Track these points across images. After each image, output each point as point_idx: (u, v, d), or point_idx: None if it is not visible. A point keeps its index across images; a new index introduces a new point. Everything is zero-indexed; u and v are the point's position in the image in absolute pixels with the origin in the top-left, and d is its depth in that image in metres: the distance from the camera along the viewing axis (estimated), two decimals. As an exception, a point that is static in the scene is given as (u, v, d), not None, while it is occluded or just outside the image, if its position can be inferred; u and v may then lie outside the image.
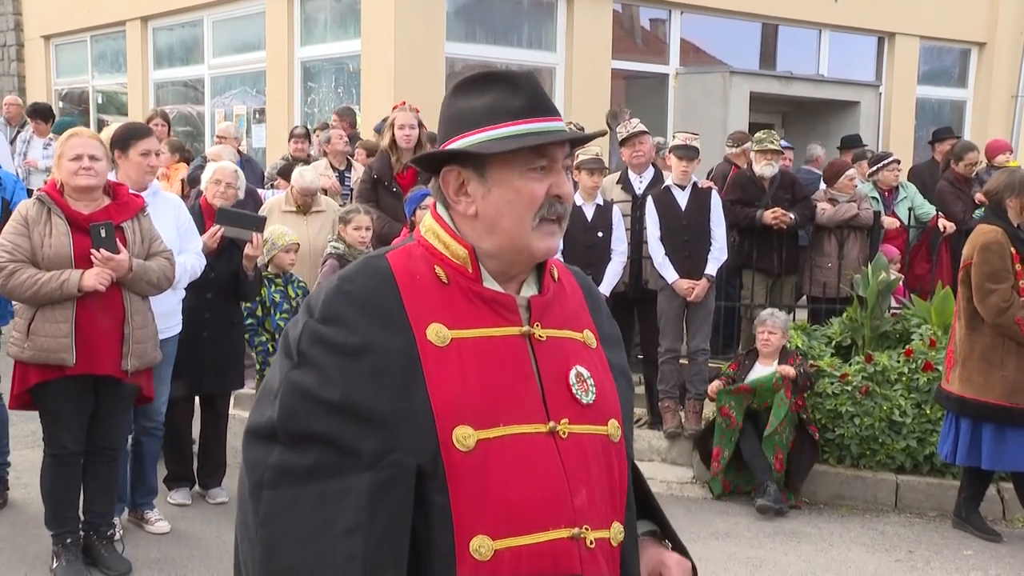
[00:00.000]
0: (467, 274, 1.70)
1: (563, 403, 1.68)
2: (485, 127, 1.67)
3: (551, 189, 1.69)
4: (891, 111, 13.11)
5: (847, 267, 7.56)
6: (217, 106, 13.08)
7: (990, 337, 5.40)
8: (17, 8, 16.52)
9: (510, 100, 1.68)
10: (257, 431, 1.67)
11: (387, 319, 1.63)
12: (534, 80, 1.74)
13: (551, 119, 1.69)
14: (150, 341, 4.59)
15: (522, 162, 1.67)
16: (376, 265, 1.70)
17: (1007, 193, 5.47)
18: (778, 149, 7.50)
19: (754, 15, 12.20)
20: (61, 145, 4.51)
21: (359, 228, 6.13)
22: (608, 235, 6.66)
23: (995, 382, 5.37)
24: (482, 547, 1.58)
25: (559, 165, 1.71)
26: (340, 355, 1.61)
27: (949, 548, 5.55)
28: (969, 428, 5.47)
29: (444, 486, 1.58)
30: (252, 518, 1.64)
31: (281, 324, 6.07)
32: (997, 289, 5.33)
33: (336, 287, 1.67)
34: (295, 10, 11.51)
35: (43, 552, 4.76)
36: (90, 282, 4.31)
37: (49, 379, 4.40)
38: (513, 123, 1.66)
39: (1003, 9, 13.74)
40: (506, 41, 11.04)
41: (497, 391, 1.63)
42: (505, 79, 1.72)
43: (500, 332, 1.68)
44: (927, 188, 8.87)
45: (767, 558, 5.33)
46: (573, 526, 1.64)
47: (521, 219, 1.68)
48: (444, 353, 1.63)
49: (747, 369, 6.34)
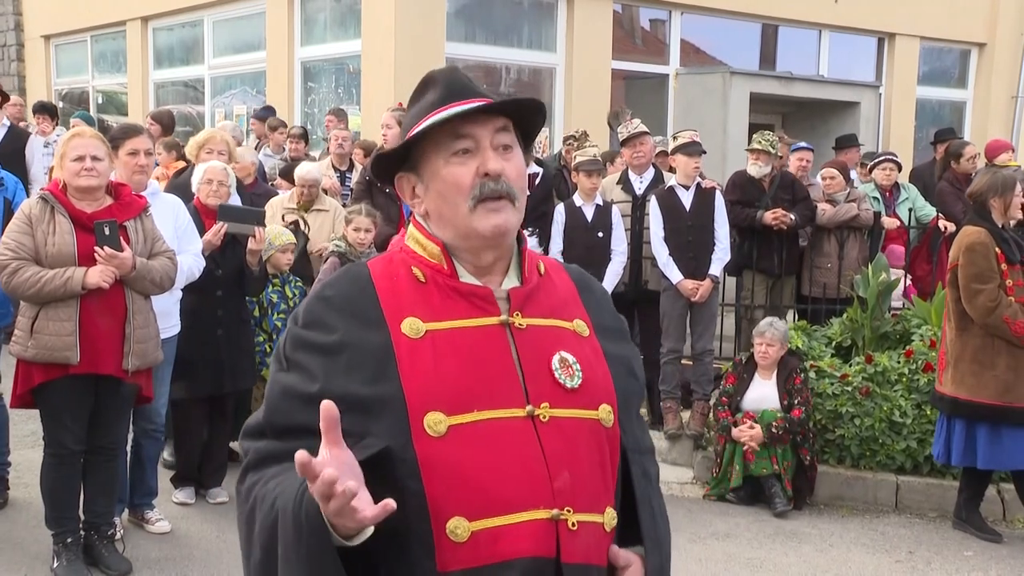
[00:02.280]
0: (443, 271, 1.74)
1: (545, 388, 1.70)
2: (411, 129, 1.75)
3: (479, 169, 1.71)
4: (891, 112, 13.11)
5: (847, 268, 7.57)
6: (217, 106, 13.08)
7: (980, 338, 5.43)
8: (17, 8, 16.53)
9: (429, 96, 1.75)
10: (249, 429, 1.78)
11: (363, 318, 1.70)
12: (453, 72, 1.79)
13: (465, 101, 1.72)
14: (151, 341, 4.59)
15: (444, 150, 1.72)
16: (355, 272, 1.79)
17: (991, 194, 5.51)
18: (768, 150, 7.51)
19: (754, 15, 12.20)
20: (64, 145, 4.52)
21: (359, 229, 6.14)
22: (608, 235, 6.67)
23: (987, 382, 5.39)
24: (458, 528, 1.60)
25: (485, 143, 1.72)
26: (319, 354, 1.69)
27: (949, 549, 5.55)
28: (964, 429, 5.49)
29: (417, 471, 1.61)
30: (238, 504, 1.73)
31: (278, 324, 6.07)
32: (984, 289, 5.36)
33: (316, 294, 1.77)
34: (295, 10, 11.51)
35: (44, 552, 4.76)
36: (94, 279, 4.32)
37: (53, 378, 4.40)
38: (429, 116, 1.72)
39: (1003, 10, 13.75)
40: (506, 41, 11.04)
41: (472, 379, 1.66)
42: (428, 81, 1.78)
43: (477, 323, 1.71)
44: (928, 189, 8.87)
45: (767, 559, 5.33)
46: (552, 507, 1.65)
47: (455, 205, 1.71)
48: (418, 344, 1.67)
49: (746, 383, 6.29)
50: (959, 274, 5.46)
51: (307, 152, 9.51)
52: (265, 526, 1.63)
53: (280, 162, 9.40)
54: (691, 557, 5.26)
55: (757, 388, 6.24)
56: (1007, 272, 5.41)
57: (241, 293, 5.72)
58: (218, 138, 6.19)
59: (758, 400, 6.18)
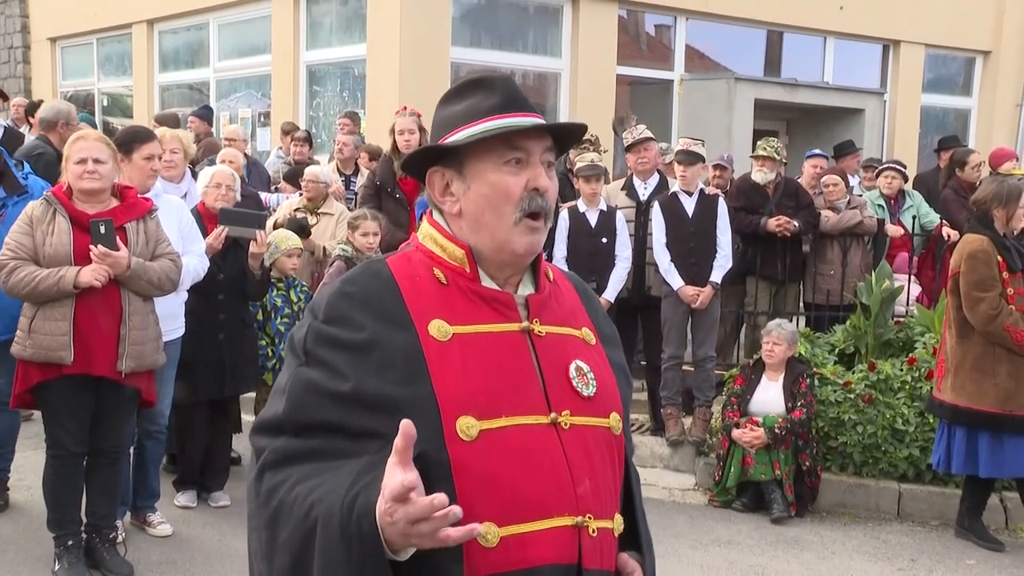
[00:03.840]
0: (465, 274, 1.74)
1: (564, 396, 1.72)
2: (461, 127, 1.73)
3: (528, 183, 1.72)
4: (895, 119, 13.11)
5: (850, 275, 7.57)
6: (222, 109, 13.10)
7: (981, 345, 5.43)
8: (24, 10, 16.58)
9: (484, 100, 1.74)
10: (263, 424, 1.72)
11: (389, 317, 1.68)
12: (509, 81, 1.78)
13: (525, 114, 1.73)
14: (149, 343, 4.56)
15: (496, 156, 1.71)
16: (376, 268, 1.76)
17: (994, 203, 5.51)
18: (771, 156, 7.51)
19: (759, 22, 12.21)
20: (68, 147, 4.54)
21: (366, 234, 6.14)
22: (612, 241, 6.66)
23: (988, 390, 5.39)
24: (488, 533, 1.60)
25: (536, 159, 1.73)
26: (346, 351, 1.66)
27: (951, 557, 5.54)
28: (964, 436, 5.49)
29: (449, 475, 1.60)
30: (255, 504, 1.67)
31: (281, 328, 6.08)
32: (985, 297, 5.36)
33: (338, 290, 1.72)
34: (301, 14, 11.53)
35: (45, 554, 4.76)
36: (86, 278, 4.31)
37: (49, 378, 4.41)
38: (485, 120, 1.71)
39: (1008, 18, 13.75)
40: (511, 46, 11.06)
41: (499, 384, 1.67)
42: (482, 83, 1.77)
43: (500, 328, 1.72)
44: (932, 196, 8.86)
45: (769, 566, 5.32)
46: (576, 515, 1.67)
47: (500, 214, 1.71)
48: (446, 347, 1.67)
49: (753, 384, 6.30)
50: (961, 282, 5.46)
51: (311, 156, 9.52)
52: (298, 534, 1.58)
53: (284, 166, 9.42)
54: (693, 564, 5.26)
55: (764, 390, 6.25)
56: (1008, 280, 5.41)
57: (243, 297, 5.72)
58: (167, 137, 5.92)
59: (764, 403, 6.19)
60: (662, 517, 5.91)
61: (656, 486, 6.44)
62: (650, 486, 6.33)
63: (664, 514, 5.99)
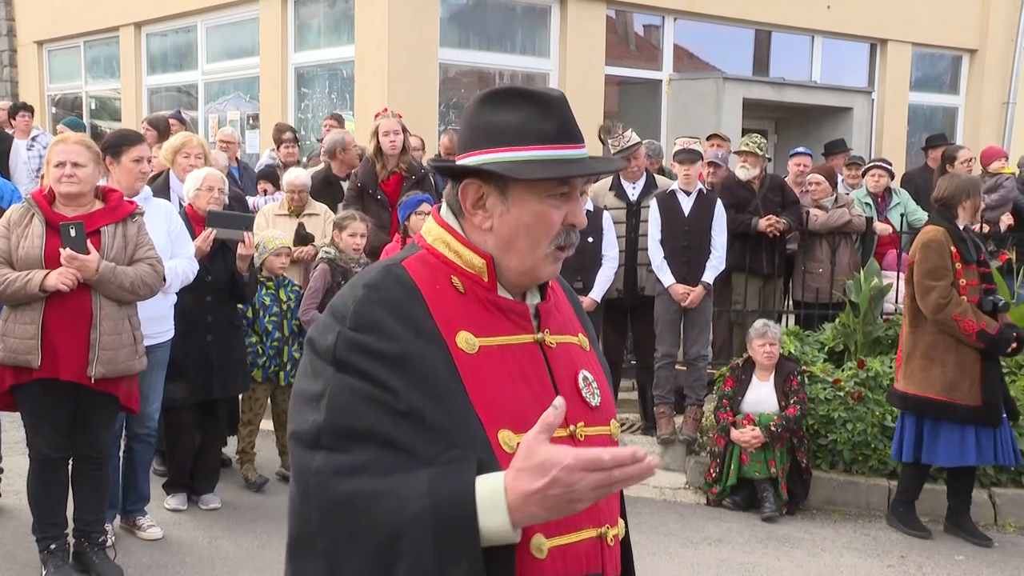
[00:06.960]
0: (482, 283, 1.72)
1: (577, 407, 1.73)
2: (514, 147, 1.67)
3: (567, 218, 1.71)
4: (883, 117, 13.15)
5: (839, 273, 7.59)
6: (211, 112, 13.07)
7: (932, 334, 5.50)
8: (10, 14, 16.51)
9: (541, 123, 1.68)
10: (301, 437, 1.62)
11: (418, 328, 1.63)
12: (565, 103, 1.73)
13: (577, 146, 1.71)
14: (123, 349, 4.46)
15: (544, 187, 1.68)
16: (397, 273, 1.69)
17: (963, 196, 5.59)
18: (754, 151, 7.54)
19: (747, 21, 12.23)
20: (49, 150, 4.53)
21: (354, 235, 6.14)
22: (598, 240, 6.67)
23: (935, 378, 5.47)
24: (542, 545, 1.61)
25: (577, 192, 1.73)
26: (383, 362, 1.59)
27: (941, 553, 5.56)
28: (913, 424, 5.58)
29: None
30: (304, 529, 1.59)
31: (269, 327, 6.07)
32: (936, 286, 5.43)
33: (365, 296, 1.65)
34: (289, 16, 11.51)
35: (34, 559, 4.74)
36: (52, 282, 4.27)
37: (22, 382, 4.38)
38: (541, 147, 1.67)
39: (994, 16, 13.81)
40: (500, 47, 11.06)
41: (525, 397, 1.66)
42: (537, 98, 1.71)
43: (517, 339, 1.72)
44: (920, 193, 8.89)
45: (759, 564, 5.33)
46: (600, 525, 1.70)
47: (536, 243, 1.70)
48: (474, 360, 1.65)
49: (744, 384, 6.31)
50: (915, 270, 5.55)
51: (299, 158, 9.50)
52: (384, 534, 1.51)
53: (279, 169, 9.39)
54: (683, 562, 5.26)
55: (756, 390, 6.26)
56: (961, 271, 5.48)
57: (231, 299, 5.71)
58: (195, 142, 6.13)
59: (756, 402, 6.20)
60: (653, 516, 5.92)
61: (647, 485, 6.44)
62: (641, 485, 6.34)
63: (655, 513, 6.00)
